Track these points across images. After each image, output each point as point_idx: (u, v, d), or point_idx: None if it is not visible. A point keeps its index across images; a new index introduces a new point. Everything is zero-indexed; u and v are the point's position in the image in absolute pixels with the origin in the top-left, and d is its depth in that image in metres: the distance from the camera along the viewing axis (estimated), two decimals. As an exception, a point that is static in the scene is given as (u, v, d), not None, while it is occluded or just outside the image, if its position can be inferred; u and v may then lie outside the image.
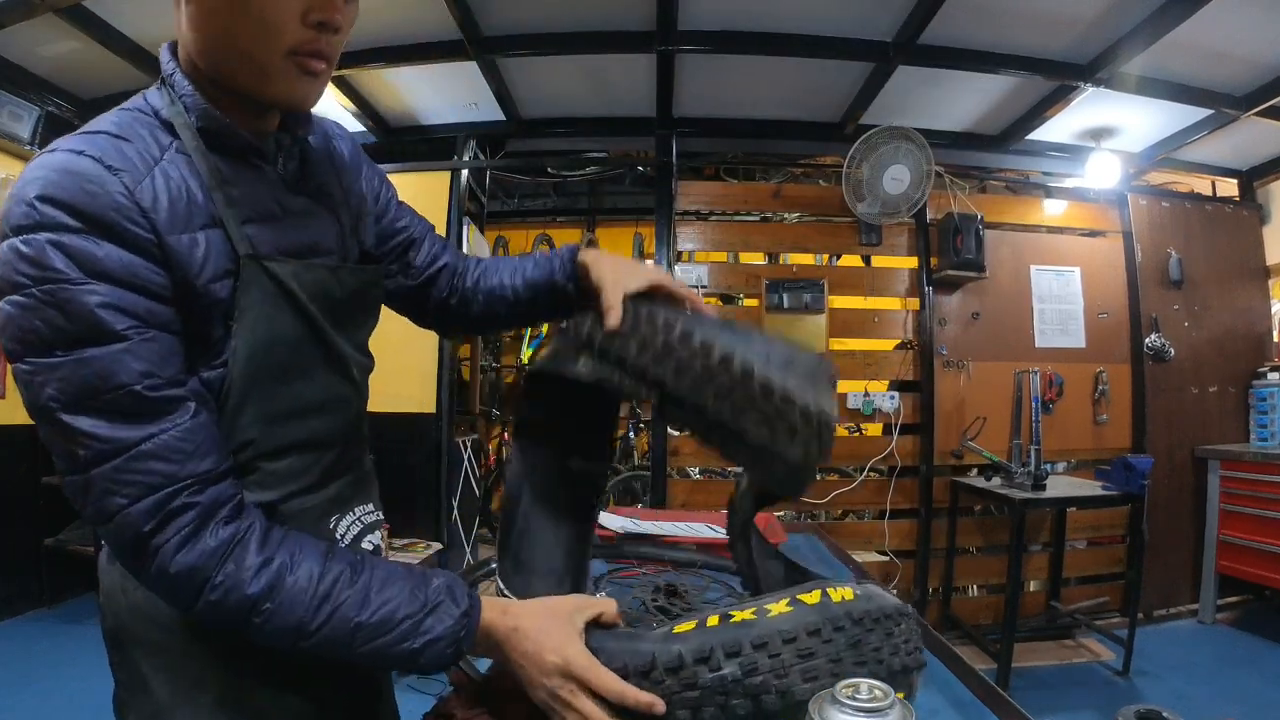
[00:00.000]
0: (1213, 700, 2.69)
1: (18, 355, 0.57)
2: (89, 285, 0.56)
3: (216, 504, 0.61)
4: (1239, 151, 3.80)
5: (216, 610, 0.60)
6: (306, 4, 0.63)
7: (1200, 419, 3.70)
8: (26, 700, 2.53)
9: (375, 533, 0.85)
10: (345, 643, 0.62)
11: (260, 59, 0.64)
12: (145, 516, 0.58)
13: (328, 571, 0.63)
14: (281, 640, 0.62)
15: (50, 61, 3.10)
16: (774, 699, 0.60)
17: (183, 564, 0.58)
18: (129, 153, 0.61)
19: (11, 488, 3.35)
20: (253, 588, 0.60)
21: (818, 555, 1.63)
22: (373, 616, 0.62)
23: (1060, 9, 2.64)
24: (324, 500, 0.78)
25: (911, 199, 3.37)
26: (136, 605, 0.71)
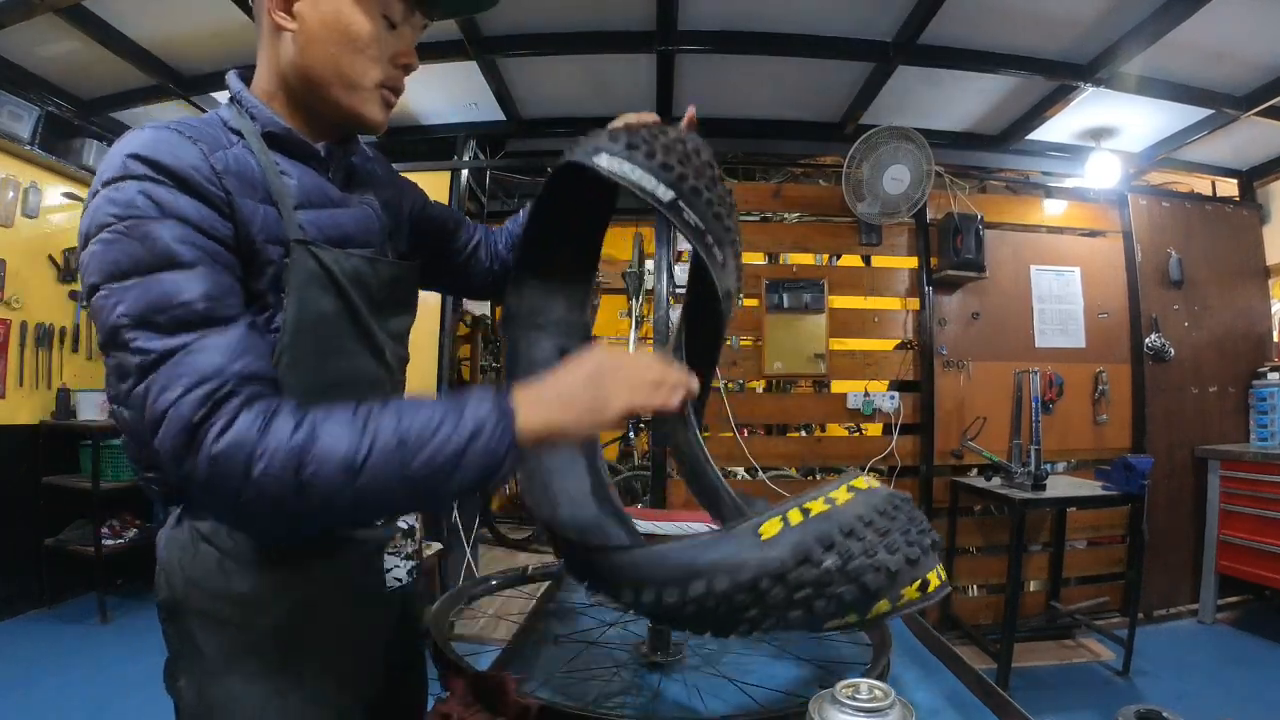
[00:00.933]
0: (1213, 700, 2.69)
1: (96, 287, 0.64)
2: (167, 222, 0.65)
3: (258, 397, 0.64)
4: (1239, 151, 3.80)
5: (267, 481, 0.60)
6: (397, 50, 0.80)
7: (1200, 419, 3.70)
8: (26, 700, 2.53)
9: (410, 514, 0.92)
10: (396, 468, 0.62)
11: (358, 85, 0.79)
12: (195, 405, 0.61)
13: (359, 410, 0.65)
14: (336, 490, 0.61)
15: (50, 61, 3.11)
16: (875, 577, 0.63)
17: (228, 442, 0.61)
18: (204, 132, 0.72)
19: (11, 488, 3.35)
20: (295, 439, 0.61)
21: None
22: (412, 426, 0.63)
23: (1060, 9, 2.64)
24: None
25: (911, 199, 3.37)
26: (193, 579, 0.76)
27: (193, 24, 2.79)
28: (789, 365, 3.46)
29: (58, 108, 3.39)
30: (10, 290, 3.37)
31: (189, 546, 0.77)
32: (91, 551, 3.28)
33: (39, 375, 3.51)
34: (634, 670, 0.89)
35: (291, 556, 0.78)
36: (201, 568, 0.76)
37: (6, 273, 3.34)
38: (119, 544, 3.43)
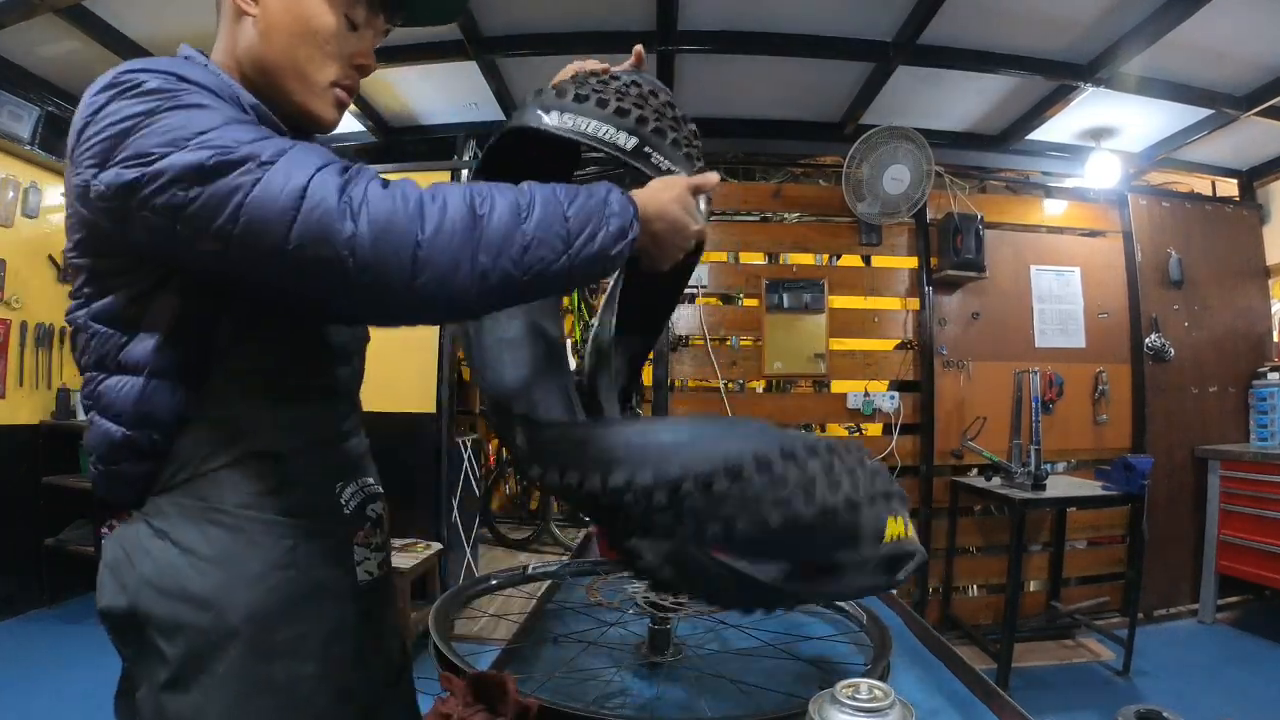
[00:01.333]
0: (1213, 700, 2.69)
1: (129, 154, 0.60)
2: (189, 88, 0.64)
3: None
4: (1239, 151, 3.80)
5: (447, 219, 0.60)
6: (356, 50, 0.80)
7: (1200, 419, 3.70)
8: (27, 700, 2.53)
9: (377, 502, 0.87)
10: (557, 211, 0.64)
11: (312, 80, 0.78)
12: (337, 173, 0.60)
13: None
14: (508, 231, 0.62)
15: (50, 61, 3.10)
16: (808, 508, 0.56)
17: (390, 193, 0.60)
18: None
19: (11, 488, 3.35)
20: (454, 187, 0.63)
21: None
22: (556, 187, 0.66)
23: (1060, 9, 2.63)
24: (333, 463, 0.82)
25: (911, 199, 3.37)
26: (147, 579, 0.70)
27: (192, 24, 2.78)
28: (789, 365, 3.46)
29: (58, 108, 3.39)
30: (10, 290, 3.37)
31: (143, 544, 0.71)
32: (91, 551, 3.28)
33: (39, 375, 3.51)
34: (634, 670, 0.89)
35: (255, 550, 0.72)
36: (157, 566, 0.70)
37: (6, 273, 3.34)
38: (119, 544, 3.42)
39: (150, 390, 0.71)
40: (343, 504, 0.81)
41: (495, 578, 1.14)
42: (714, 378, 3.43)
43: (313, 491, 0.78)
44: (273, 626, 0.72)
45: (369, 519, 0.84)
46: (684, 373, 3.49)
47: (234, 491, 0.72)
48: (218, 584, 0.70)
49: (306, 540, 0.76)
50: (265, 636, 0.71)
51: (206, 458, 0.72)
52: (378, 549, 0.85)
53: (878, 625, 0.92)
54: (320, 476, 0.80)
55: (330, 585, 0.78)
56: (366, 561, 0.83)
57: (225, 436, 0.73)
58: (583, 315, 5.23)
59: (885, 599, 1.26)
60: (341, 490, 0.82)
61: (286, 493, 0.75)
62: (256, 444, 0.74)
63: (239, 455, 0.73)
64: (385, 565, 0.88)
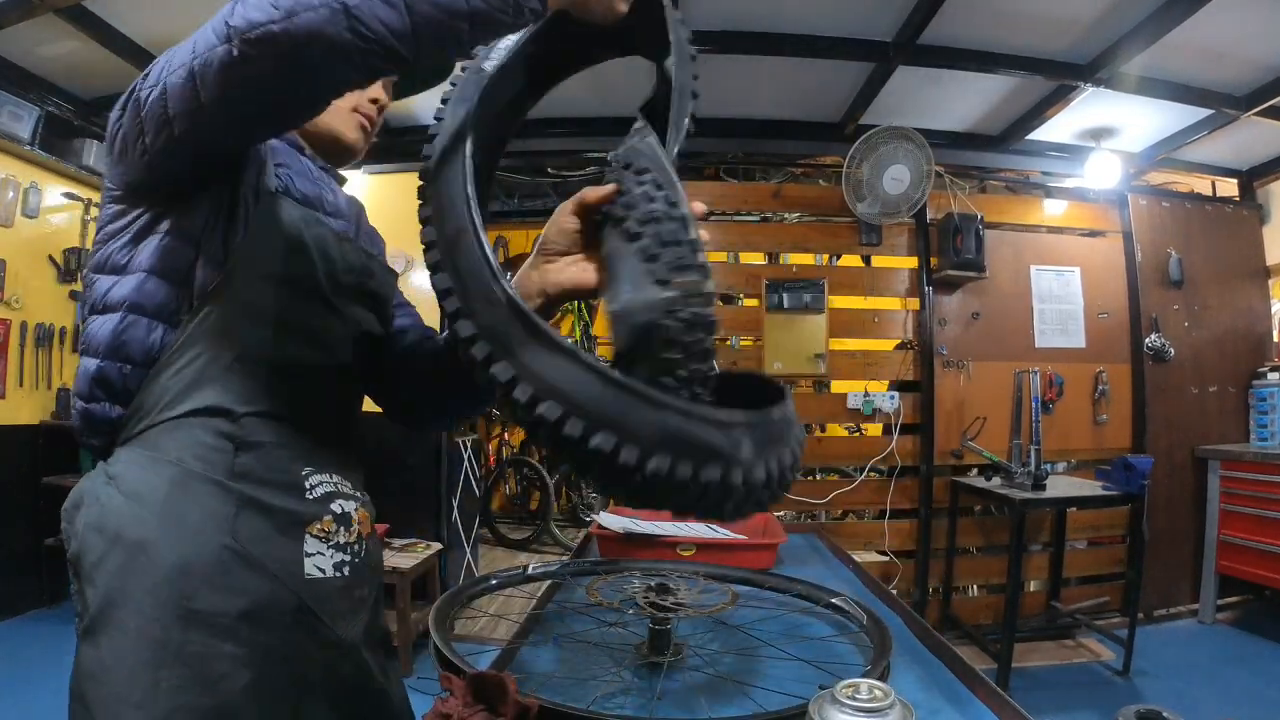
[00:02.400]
0: (1213, 700, 2.69)
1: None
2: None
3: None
4: (1239, 151, 3.80)
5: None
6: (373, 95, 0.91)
7: (1200, 419, 3.71)
8: (27, 700, 2.53)
9: (352, 504, 0.84)
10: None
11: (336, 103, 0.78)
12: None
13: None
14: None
15: (50, 61, 3.11)
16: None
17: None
18: None
19: (11, 488, 3.35)
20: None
21: (818, 555, 1.63)
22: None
23: (1060, 9, 2.64)
24: (295, 443, 0.80)
25: (911, 199, 3.37)
26: (92, 524, 0.73)
27: (192, 24, 2.77)
28: (789, 365, 3.46)
29: (58, 108, 3.39)
30: (10, 290, 3.37)
31: (95, 491, 0.74)
32: (91, 551, 3.28)
33: (39, 375, 3.51)
34: (634, 670, 0.89)
35: (194, 507, 0.72)
36: (102, 511, 0.72)
37: (6, 273, 3.34)
38: (119, 544, 3.43)
39: (125, 324, 0.76)
40: (306, 487, 0.79)
41: (495, 578, 1.14)
42: (714, 378, 3.42)
43: (270, 465, 0.77)
44: (194, 591, 0.69)
45: (333, 513, 0.81)
46: (684, 373, 3.48)
47: (185, 445, 0.74)
48: (151, 528, 0.70)
49: (251, 512, 0.74)
50: (185, 600, 0.69)
51: (165, 407, 0.75)
52: (338, 548, 0.81)
53: (878, 625, 0.92)
54: (284, 454, 0.78)
55: (267, 565, 0.74)
56: (319, 557, 0.78)
57: (184, 387, 0.75)
58: (583, 315, 5.23)
59: (885, 599, 1.26)
60: (308, 475, 0.80)
61: (239, 457, 0.75)
62: (213, 399, 0.75)
63: (195, 408, 0.74)
64: (348, 570, 0.82)
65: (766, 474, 0.58)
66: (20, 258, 3.42)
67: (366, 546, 0.86)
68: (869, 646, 0.90)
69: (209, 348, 0.76)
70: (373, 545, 0.89)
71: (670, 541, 1.42)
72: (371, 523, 0.89)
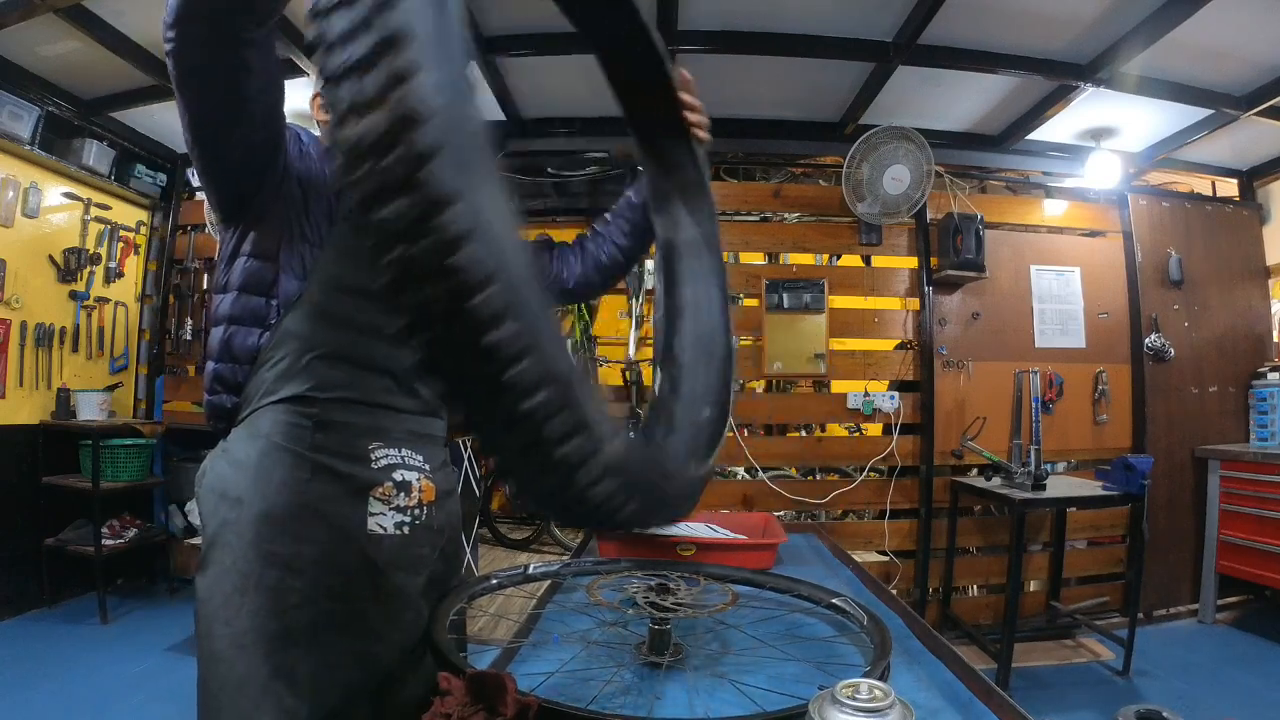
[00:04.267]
0: (1213, 700, 2.69)
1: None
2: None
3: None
4: (1239, 151, 3.80)
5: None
6: None
7: (1200, 419, 3.70)
8: (27, 700, 2.53)
9: (415, 474, 1.00)
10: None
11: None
12: None
13: None
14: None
15: (50, 61, 3.11)
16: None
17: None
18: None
19: (11, 488, 3.35)
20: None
21: (818, 555, 1.63)
22: None
23: (1060, 9, 2.64)
24: (366, 423, 0.97)
25: (911, 199, 3.37)
26: (206, 485, 0.95)
27: (193, 24, 2.79)
28: (789, 365, 3.46)
29: (58, 108, 3.39)
30: (10, 290, 3.37)
31: (213, 462, 0.95)
32: (91, 551, 3.28)
33: (39, 375, 3.51)
34: (634, 670, 0.89)
35: (278, 470, 0.91)
36: (216, 474, 0.93)
37: (6, 273, 3.34)
38: (119, 544, 3.43)
39: (229, 333, 0.96)
40: (371, 459, 0.96)
41: (495, 578, 1.13)
42: (714, 378, 3.42)
43: (343, 441, 0.95)
44: (274, 536, 0.88)
45: (394, 481, 0.97)
46: (684, 373, 3.48)
47: (275, 424, 0.93)
48: (246, 487, 0.90)
49: (324, 478, 0.92)
50: (266, 543, 0.88)
51: (262, 396, 0.95)
52: (399, 510, 0.97)
53: (878, 626, 0.92)
54: (353, 430, 0.96)
55: (334, 520, 0.91)
56: (380, 516, 0.95)
57: (276, 379, 0.95)
58: (582, 315, 5.23)
59: (885, 599, 1.26)
60: (375, 450, 0.97)
61: (317, 435, 0.93)
62: (298, 389, 0.94)
63: (284, 396, 0.94)
64: (408, 529, 0.98)
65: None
66: (20, 258, 3.42)
67: (429, 511, 1.01)
68: (869, 646, 0.90)
69: (294, 348, 0.95)
70: (437, 511, 1.03)
71: (670, 541, 1.42)
72: (437, 492, 1.03)
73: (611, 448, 0.54)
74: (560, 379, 0.48)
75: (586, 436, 0.51)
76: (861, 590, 1.29)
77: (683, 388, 1.02)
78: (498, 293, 0.43)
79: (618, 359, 5.28)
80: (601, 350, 5.34)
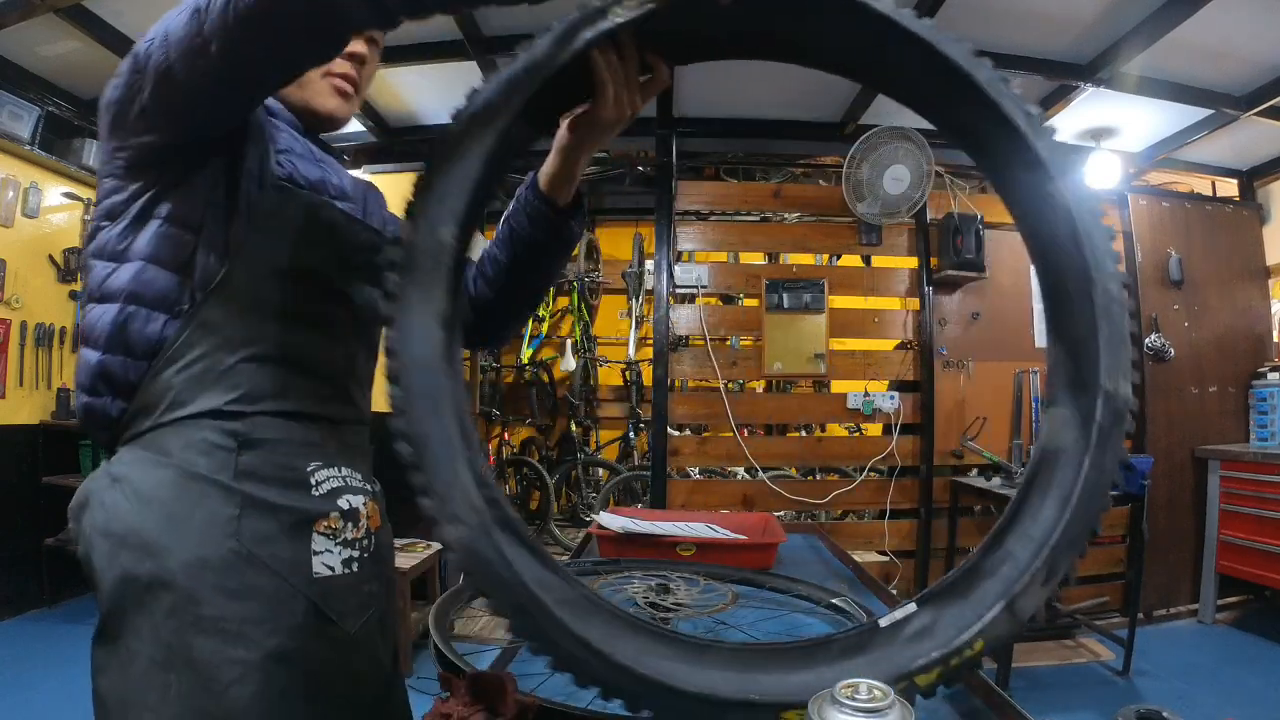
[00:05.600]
0: (1213, 700, 2.69)
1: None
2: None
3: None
4: (1239, 151, 3.80)
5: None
6: (350, 51, 0.84)
7: (1200, 419, 3.70)
8: (27, 700, 2.53)
9: (360, 497, 0.83)
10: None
11: (304, 78, 0.81)
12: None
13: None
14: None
15: (50, 61, 3.11)
16: None
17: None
18: None
19: (11, 488, 3.35)
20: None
21: (818, 555, 1.63)
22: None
23: (1060, 9, 2.64)
24: (302, 439, 0.79)
25: (911, 199, 3.37)
26: (98, 525, 0.72)
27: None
28: (789, 365, 3.46)
29: (57, 108, 3.39)
30: (10, 290, 3.37)
31: (100, 493, 0.73)
32: (91, 551, 3.28)
33: (39, 375, 3.51)
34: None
35: (200, 510, 0.71)
36: (108, 513, 0.72)
37: (6, 273, 3.34)
38: (119, 544, 3.43)
39: (125, 315, 0.74)
40: (312, 484, 0.78)
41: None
42: (714, 378, 3.43)
43: (275, 463, 0.76)
44: (202, 596, 0.69)
45: (340, 509, 0.80)
46: (684, 373, 3.49)
47: (189, 445, 0.73)
48: (156, 535, 0.70)
49: (255, 512, 0.73)
50: (194, 606, 0.69)
51: (169, 408, 0.74)
52: (346, 544, 0.80)
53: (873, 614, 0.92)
54: (287, 448, 0.77)
55: (274, 566, 0.73)
56: (327, 554, 0.77)
57: (189, 386, 0.74)
58: (583, 315, 5.23)
59: (885, 599, 1.26)
60: (315, 471, 0.79)
61: (243, 456, 0.74)
62: (219, 401, 0.74)
63: (198, 411, 0.73)
64: (357, 565, 0.81)
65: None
66: (20, 258, 3.42)
67: (376, 540, 0.85)
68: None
69: (214, 344, 0.74)
70: (382, 537, 0.88)
71: (670, 541, 1.42)
72: (381, 514, 0.88)
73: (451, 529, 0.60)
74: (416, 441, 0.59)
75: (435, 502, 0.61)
76: (861, 590, 1.29)
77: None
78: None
79: (618, 359, 5.29)
80: (601, 350, 5.34)
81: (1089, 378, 0.65)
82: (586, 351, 5.19)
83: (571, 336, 5.22)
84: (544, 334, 5.28)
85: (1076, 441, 0.67)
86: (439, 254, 0.62)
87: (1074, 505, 0.63)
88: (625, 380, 5.29)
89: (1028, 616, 0.63)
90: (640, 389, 5.13)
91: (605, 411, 5.34)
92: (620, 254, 5.27)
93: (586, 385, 5.15)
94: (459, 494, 0.61)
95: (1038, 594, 0.63)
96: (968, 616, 0.66)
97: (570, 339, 5.20)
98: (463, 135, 0.65)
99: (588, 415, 5.19)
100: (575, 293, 5.16)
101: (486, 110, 0.66)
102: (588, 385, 5.16)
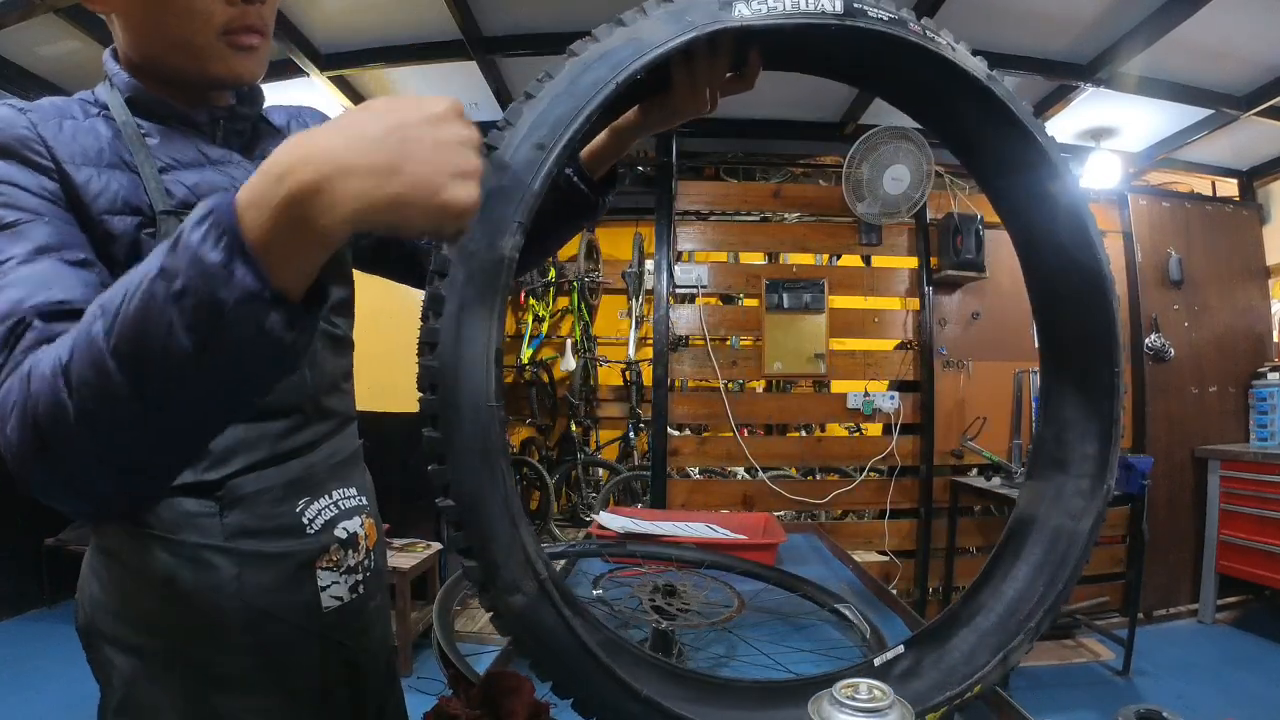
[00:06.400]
0: (1213, 700, 2.69)
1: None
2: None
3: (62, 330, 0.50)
4: (1239, 151, 3.80)
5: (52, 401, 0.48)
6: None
7: (1200, 419, 3.70)
8: (27, 700, 2.53)
9: (356, 518, 0.81)
10: (131, 328, 0.42)
11: (194, 43, 0.67)
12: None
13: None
14: (101, 381, 0.44)
15: (50, 61, 3.10)
16: None
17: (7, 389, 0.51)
18: (45, 107, 0.67)
19: (12, 488, 3.34)
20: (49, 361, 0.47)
21: (818, 555, 1.63)
22: (131, 279, 0.43)
23: (1060, 9, 2.63)
24: (285, 480, 0.75)
25: (911, 199, 3.37)
26: (98, 601, 0.72)
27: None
28: (789, 365, 3.46)
29: (58, 108, 3.39)
30: (10, 290, 3.36)
31: (98, 567, 0.72)
32: (91, 551, 3.28)
33: (39, 375, 3.51)
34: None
35: (198, 576, 0.69)
36: (104, 588, 0.71)
37: (6, 273, 3.34)
38: (119, 544, 3.43)
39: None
40: (305, 523, 0.76)
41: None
42: (714, 378, 3.43)
43: (262, 515, 0.73)
44: (213, 658, 0.70)
45: (339, 540, 0.78)
46: (684, 373, 3.49)
47: (171, 516, 0.69)
48: (160, 605, 0.69)
49: (254, 567, 0.71)
50: (206, 668, 0.70)
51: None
52: (350, 571, 0.79)
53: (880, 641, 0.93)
54: (273, 498, 0.74)
55: (284, 615, 0.73)
56: (334, 586, 0.77)
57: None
58: (583, 315, 5.23)
59: (885, 599, 1.26)
60: (305, 508, 0.76)
61: (230, 519, 0.71)
62: (187, 478, 0.69)
63: (179, 484, 0.69)
64: (363, 587, 0.81)
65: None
66: (20, 258, 3.41)
67: (375, 557, 0.85)
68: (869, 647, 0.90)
69: None
70: (379, 550, 0.87)
71: (670, 541, 1.42)
72: (377, 529, 0.87)
73: (511, 599, 0.56)
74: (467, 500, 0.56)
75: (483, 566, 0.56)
76: (861, 590, 1.28)
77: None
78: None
79: (618, 359, 5.29)
80: (601, 350, 5.34)
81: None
82: (586, 351, 5.19)
83: (571, 336, 5.22)
84: (544, 334, 5.28)
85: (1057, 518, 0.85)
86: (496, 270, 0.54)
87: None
88: (625, 380, 5.29)
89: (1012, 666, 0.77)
90: (640, 389, 5.12)
91: (605, 411, 5.34)
92: (620, 254, 5.27)
93: (586, 385, 5.15)
94: (517, 560, 0.56)
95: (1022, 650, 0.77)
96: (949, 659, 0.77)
97: (570, 339, 5.20)
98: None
99: (588, 415, 5.19)
100: (575, 293, 5.16)
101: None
102: (588, 385, 5.16)
